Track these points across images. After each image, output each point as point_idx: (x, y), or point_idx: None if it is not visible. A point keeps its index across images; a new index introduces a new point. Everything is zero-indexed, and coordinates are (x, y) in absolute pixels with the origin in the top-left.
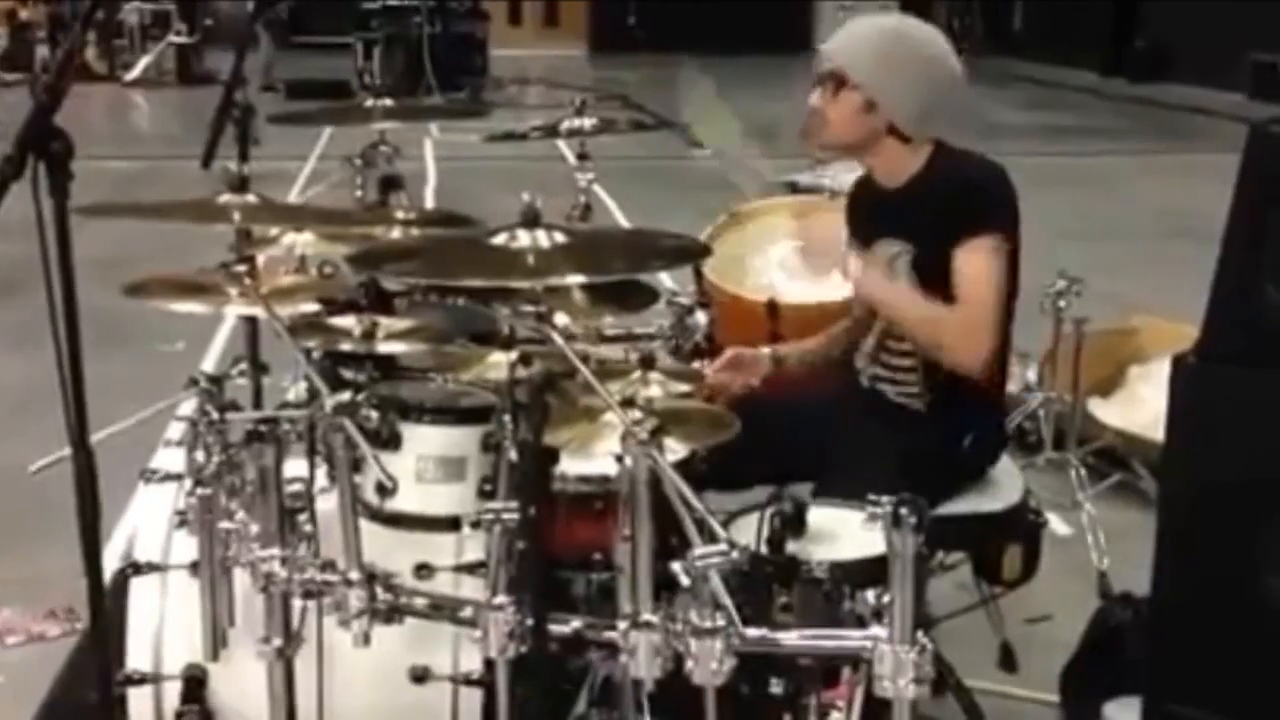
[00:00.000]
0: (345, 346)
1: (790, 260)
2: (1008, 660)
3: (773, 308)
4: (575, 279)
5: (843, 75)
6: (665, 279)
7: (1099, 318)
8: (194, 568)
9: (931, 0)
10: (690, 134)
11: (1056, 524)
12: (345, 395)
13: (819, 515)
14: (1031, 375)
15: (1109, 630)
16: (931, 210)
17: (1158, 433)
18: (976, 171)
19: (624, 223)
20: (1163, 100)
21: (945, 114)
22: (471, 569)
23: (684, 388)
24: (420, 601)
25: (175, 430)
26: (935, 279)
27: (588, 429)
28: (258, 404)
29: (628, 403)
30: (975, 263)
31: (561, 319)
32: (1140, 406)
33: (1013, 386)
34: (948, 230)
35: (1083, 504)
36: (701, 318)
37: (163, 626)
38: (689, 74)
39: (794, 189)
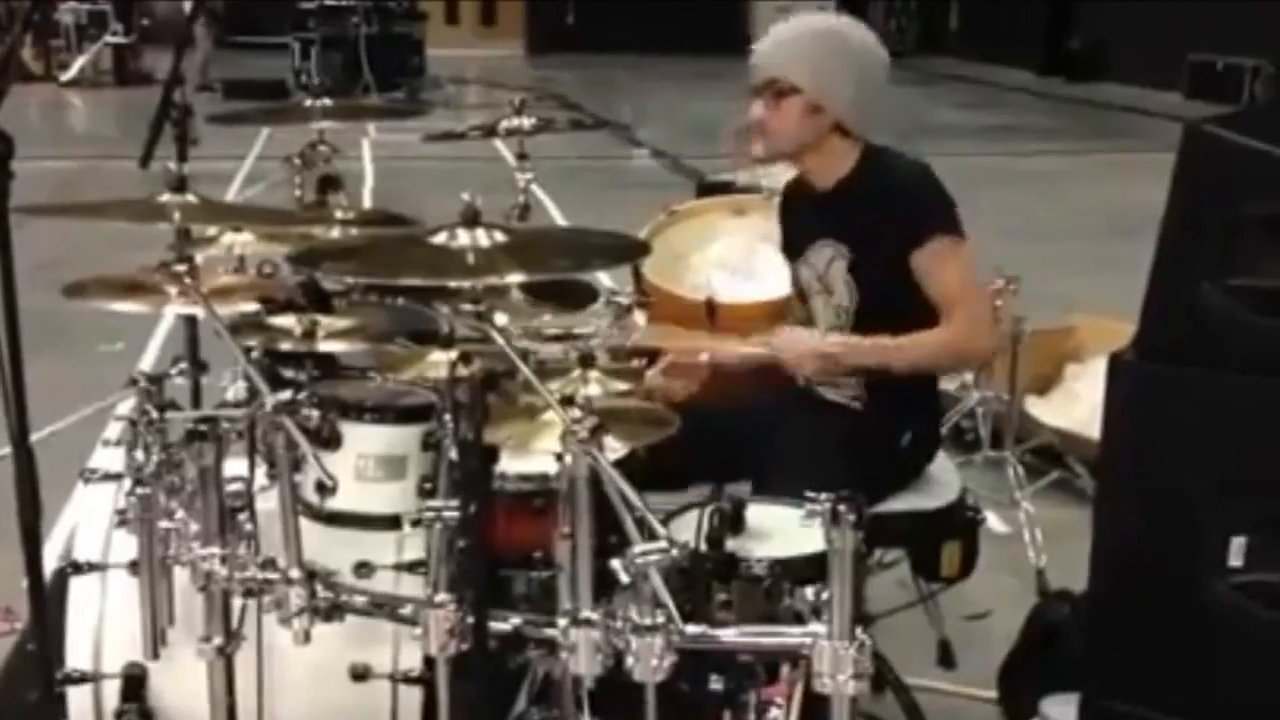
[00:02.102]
0: (285, 346)
1: (728, 258)
2: (946, 657)
3: (711, 307)
4: (516, 278)
5: (783, 82)
6: (604, 278)
7: (1036, 317)
8: (133, 567)
9: (867, 0)
10: (628, 133)
11: (994, 522)
12: (286, 394)
13: (758, 513)
14: (969, 374)
15: (1046, 627)
16: (864, 211)
17: (1095, 431)
18: (904, 172)
19: (562, 222)
20: (1099, 100)
21: (884, 105)
22: (411, 567)
23: (623, 386)
24: (360, 599)
25: (113, 430)
26: (873, 282)
27: (527, 427)
28: (196, 403)
29: (567, 401)
30: (944, 268)
31: (501, 318)
32: (1077, 404)
33: (950, 385)
34: (885, 234)
35: (1020, 502)
36: (639, 317)
37: (102, 625)
38: (626, 74)
39: (730, 188)
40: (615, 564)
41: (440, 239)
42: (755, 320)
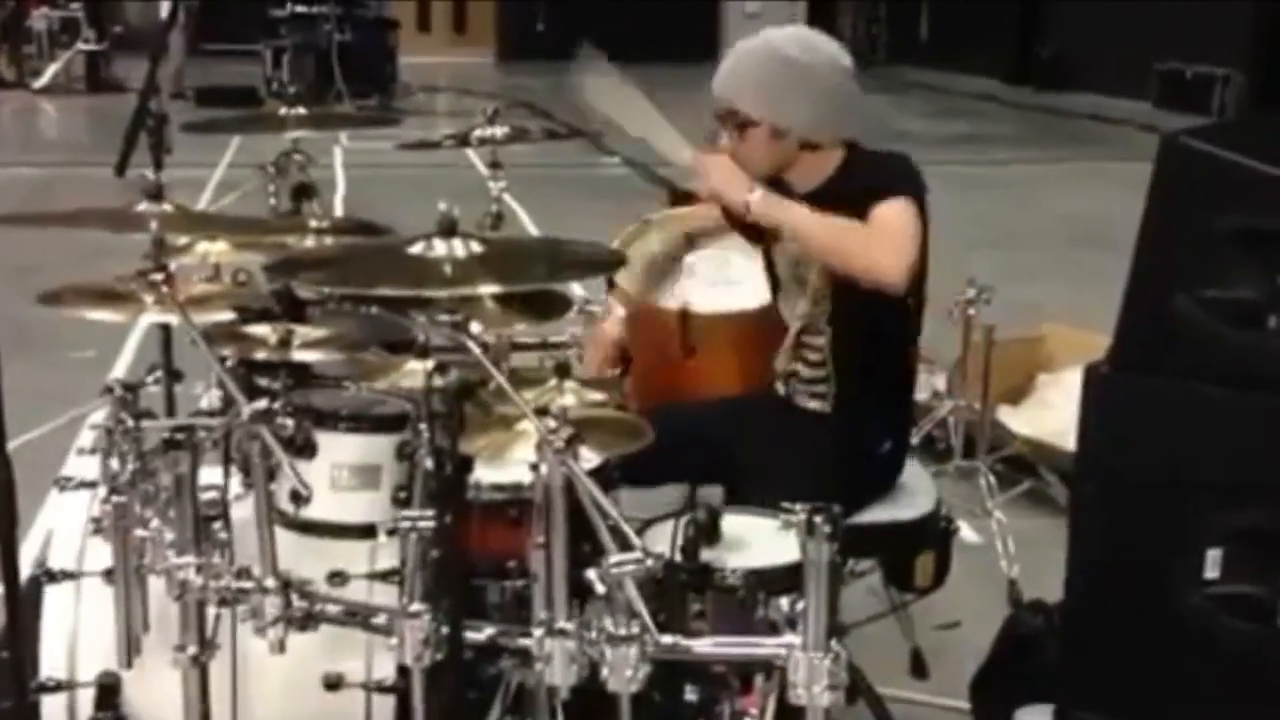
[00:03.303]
0: (260, 354)
1: (702, 268)
2: (919, 667)
3: (685, 316)
4: (492, 289)
5: (741, 114)
6: (576, 287)
7: (1008, 326)
8: (108, 575)
9: (837, 9)
10: (601, 141)
11: (966, 532)
12: (261, 403)
13: (733, 523)
14: (940, 383)
15: (1020, 638)
16: (841, 206)
17: (1067, 440)
18: (884, 166)
19: (535, 231)
20: (1068, 108)
21: (848, 111)
22: (385, 576)
23: (599, 396)
24: (335, 609)
25: (87, 438)
26: (845, 279)
27: (502, 437)
28: (171, 411)
29: (542, 411)
30: (887, 209)
31: (476, 327)
32: (1049, 414)
33: (922, 394)
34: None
35: (992, 512)
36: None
37: (77, 633)
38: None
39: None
40: (590, 574)
41: (417, 249)
42: (729, 330)
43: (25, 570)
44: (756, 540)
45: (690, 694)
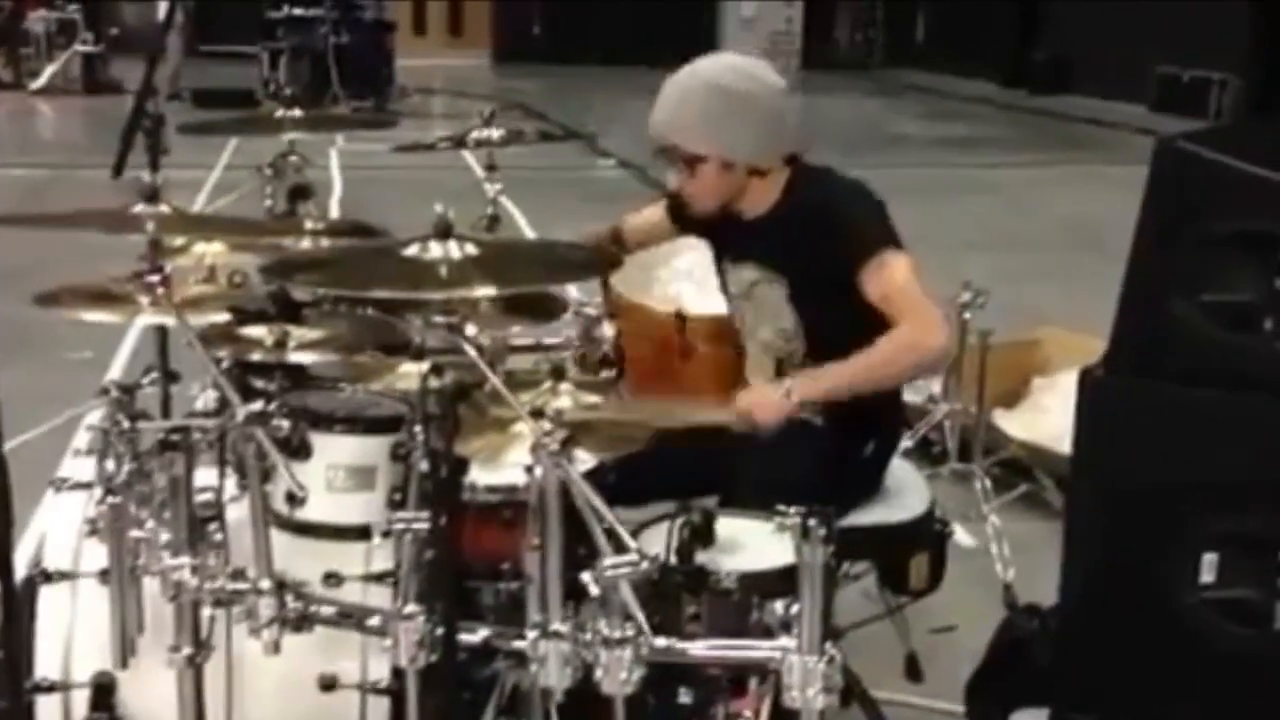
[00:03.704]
0: (255, 356)
1: (697, 270)
2: (913, 670)
3: (681, 318)
4: (488, 291)
5: (685, 150)
6: (571, 289)
7: (1003, 329)
8: (103, 575)
9: (834, 13)
10: (596, 143)
11: (961, 535)
12: (257, 405)
13: (728, 525)
14: (936, 387)
15: (1015, 641)
16: (796, 239)
17: (1062, 444)
18: (833, 194)
19: (530, 233)
20: (1064, 112)
21: (790, 131)
22: (380, 578)
23: (594, 398)
24: (329, 610)
25: (83, 439)
26: (817, 309)
27: (498, 439)
28: (166, 413)
29: (538, 413)
30: (887, 278)
31: (471, 329)
32: (1045, 418)
33: (917, 398)
34: (823, 260)
35: (987, 515)
36: (608, 329)
37: (72, 634)
38: (591, 84)
39: None
40: (585, 576)
41: (413, 251)
42: (725, 334)
43: (21, 570)
44: (751, 543)
45: (684, 696)
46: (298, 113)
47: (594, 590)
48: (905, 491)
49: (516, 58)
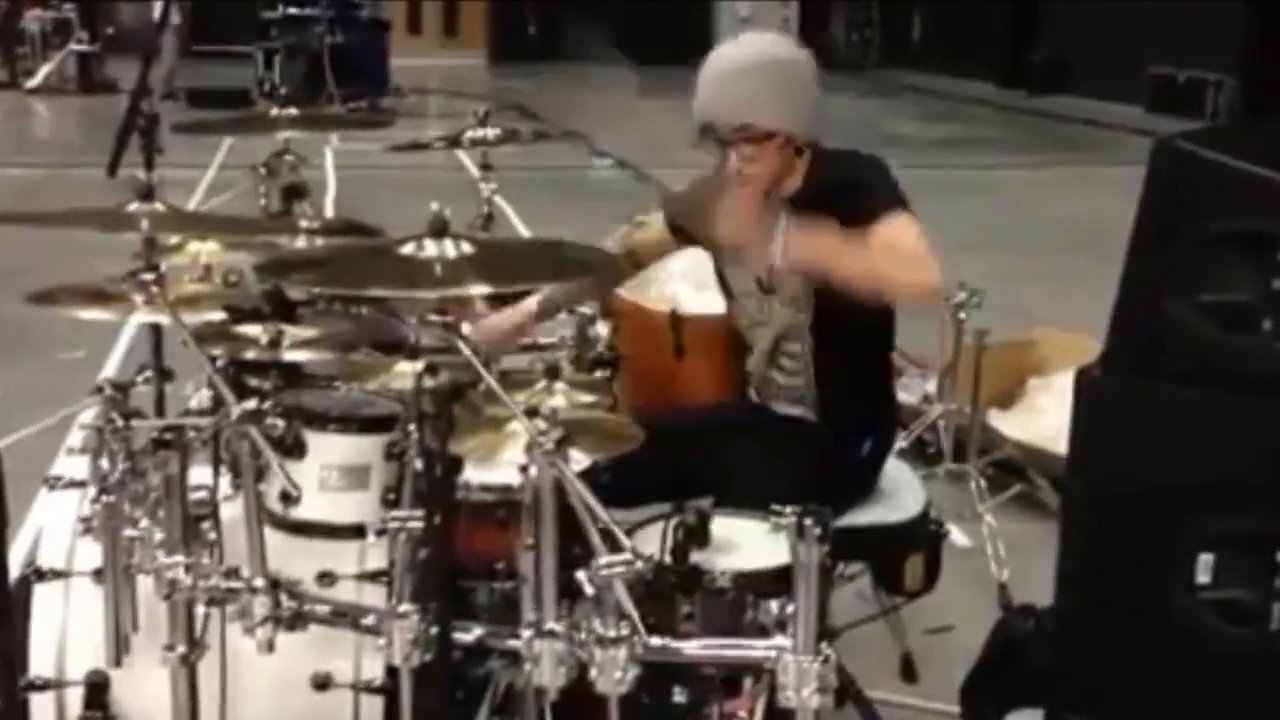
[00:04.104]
0: (250, 354)
1: (693, 270)
2: (908, 671)
3: (675, 318)
4: (483, 290)
5: (756, 128)
6: None
7: (999, 329)
8: (98, 574)
9: (830, 13)
10: (591, 143)
11: (956, 535)
12: (251, 403)
13: (723, 525)
14: (931, 387)
15: (1010, 642)
16: (832, 209)
17: (1058, 445)
18: (855, 169)
19: (525, 232)
20: (1060, 112)
21: (823, 109)
22: (374, 577)
23: (589, 398)
24: (323, 609)
25: (77, 437)
26: (828, 290)
27: (492, 438)
28: (161, 411)
29: (533, 412)
30: (894, 228)
31: (467, 328)
32: (1040, 418)
33: (912, 398)
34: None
35: (983, 515)
36: (603, 328)
37: (66, 632)
38: (587, 83)
39: None
40: (580, 575)
41: (408, 250)
42: (719, 334)
43: (15, 569)
44: (746, 542)
45: (679, 696)
46: (293, 112)
47: (589, 590)
48: (900, 492)
49: (512, 57)
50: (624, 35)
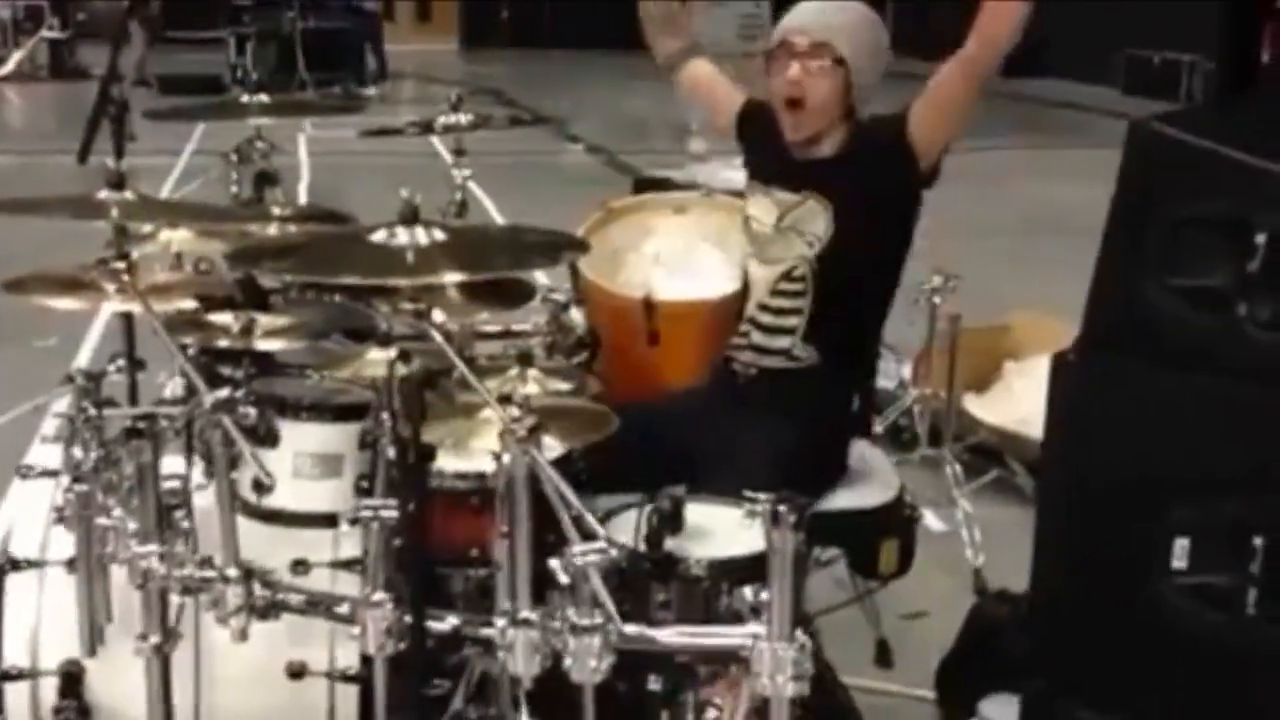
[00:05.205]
0: (222, 343)
1: (667, 256)
2: (884, 656)
3: (649, 304)
4: (455, 277)
5: (834, 50)
6: (540, 275)
7: (973, 314)
8: (71, 564)
9: None
10: (564, 128)
11: (931, 520)
12: (223, 392)
13: (697, 512)
14: (906, 372)
15: (985, 627)
16: (855, 181)
17: (1033, 429)
18: (884, 124)
19: (499, 219)
20: (1035, 95)
21: (876, 87)
22: (348, 565)
23: (562, 385)
24: (297, 598)
25: (50, 426)
26: (854, 225)
27: (465, 426)
28: (133, 400)
29: (505, 400)
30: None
31: (439, 315)
32: (1016, 403)
33: (888, 383)
34: (886, 180)
35: (958, 500)
36: (577, 314)
37: (40, 622)
38: (560, 69)
39: (666, 184)
40: (554, 563)
41: (379, 237)
42: (693, 319)
43: None
44: (720, 529)
45: (654, 684)
46: (264, 98)
47: (563, 578)
48: (874, 477)
49: (485, 43)
50: (597, 21)
